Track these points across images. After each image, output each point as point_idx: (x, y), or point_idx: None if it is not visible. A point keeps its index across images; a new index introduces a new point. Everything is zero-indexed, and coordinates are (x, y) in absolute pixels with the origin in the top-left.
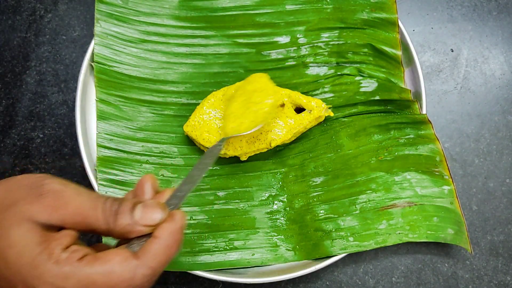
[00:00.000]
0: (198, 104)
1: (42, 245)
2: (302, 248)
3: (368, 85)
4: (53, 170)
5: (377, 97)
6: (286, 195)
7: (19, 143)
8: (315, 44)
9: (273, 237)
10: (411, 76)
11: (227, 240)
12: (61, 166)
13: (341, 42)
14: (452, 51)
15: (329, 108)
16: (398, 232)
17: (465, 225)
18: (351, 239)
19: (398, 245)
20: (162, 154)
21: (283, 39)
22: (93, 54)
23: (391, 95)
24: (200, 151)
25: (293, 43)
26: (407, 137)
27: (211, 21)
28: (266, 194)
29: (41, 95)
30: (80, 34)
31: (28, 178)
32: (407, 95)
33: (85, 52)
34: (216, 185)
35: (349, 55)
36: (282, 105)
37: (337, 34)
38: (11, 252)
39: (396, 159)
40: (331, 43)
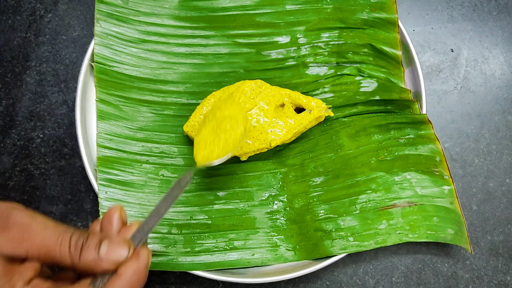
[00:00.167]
0: (198, 104)
1: (4, 278)
2: (302, 248)
3: (368, 85)
4: (53, 170)
5: (377, 97)
6: (286, 195)
7: (19, 143)
8: (315, 44)
9: (273, 237)
10: (411, 76)
11: (227, 240)
12: (61, 166)
13: (341, 42)
14: (452, 51)
15: (329, 108)
16: (398, 232)
17: (465, 225)
18: (351, 239)
19: (398, 245)
20: (162, 154)
21: (283, 39)
22: (93, 54)
23: (391, 95)
24: None
25: (293, 43)
26: (407, 137)
27: (211, 21)
28: (266, 194)
29: (41, 95)
30: (80, 34)
31: None
32: (407, 95)
33: (85, 52)
34: (216, 185)
35: (349, 55)
36: (282, 105)
37: (337, 34)
38: None
39: (396, 159)
40: (331, 43)
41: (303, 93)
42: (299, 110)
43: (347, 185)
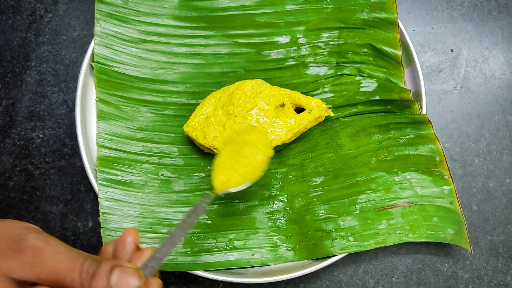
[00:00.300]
0: (198, 104)
1: None
2: (302, 248)
3: (368, 85)
4: (53, 170)
5: (377, 97)
6: (286, 195)
7: (19, 143)
8: (315, 44)
9: (273, 237)
10: (411, 76)
11: (227, 240)
12: (61, 166)
13: (341, 42)
14: (452, 51)
15: (329, 108)
16: (398, 232)
17: (465, 225)
18: (351, 239)
19: (398, 245)
20: (162, 154)
21: (283, 39)
22: (93, 54)
23: (391, 95)
24: (200, 151)
25: (293, 43)
26: (407, 137)
27: (211, 21)
28: (266, 194)
29: (41, 95)
30: (80, 34)
31: (10, 229)
32: (407, 95)
33: (85, 52)
34: None
35: (349, 55)
36: (282, 105)
37: (337, 34)
38: None
39: (396, 159)
40: (331, 43)
41: (303, 93)
42: (299, 110)
43: (347, 185)
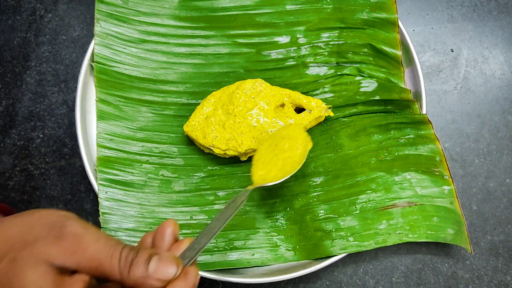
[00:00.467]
0: (198, 104)
1: None
2: (302, 248)
3: (368, 85)
4: (53, 170)
5: (377, 97)
6: (286, 195)
7: (19, 143)
8: (315, 44)
9: (273, 237)
10: (411, 76)
11: (227, 240)
12: (61, 166)
13: (341, 42)
14: (452, 51)
15: (329, 108)
16: (398, 232)
17: (465, 225)
18: (351, 239)
19: (398, 245)
20: (162, 154)
21: (283, 39)
22: (93, 54)
23: (391, 95)
24: (200, 151)
25: (293, 43)
26: (407, 137)
27: (211, 21)
28: (266, 194)
29: (41, 95)
30: (80, 34)
31: (50, 216)
32: (407, 95)
33: (85, 52)
34: (216, 185)
35: (349, 55)
36: (282, 105)
37: (337, 34)
38: None
39: (396, 159)
40: (331, 43)
41: (303, 93)
42: (299, 110)
43: (347, 185)
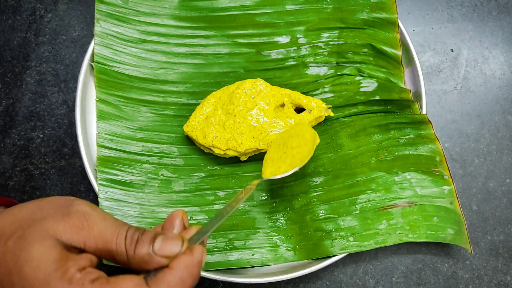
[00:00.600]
0: (198, 104)
1: (59, 263)
2: (302, 248)
3: (368, 85)
4: (53, 170)
5: (377, 97)
6: (286, 195)
7: (19, 143)
8: (315, 44)
9: (273, 237)
10: (411, 76)
11: (227, 240)
12: (61, 166)
13: (341, 42)
14: (452, 51)
15: (329, 108)
16: (398, 232)
17: (465, 225)
18: (351, 239)
19: (398, 245)
20: (162, 154)
21: (283, 39)
22: (93, 54)
23: (391, 95)
24: (200, 151)
25: (293, 43)
26: (407, 137)
27: (211, 21)
28: (266, 194)
29: (41, 95)
30: (80, 34)
31: (59, 198)
32: (407, 95)
33: (85, 52)
34: (216, 185)
35: (349, 55)
36: (282, 105)
37: (337, 34)
38: (28, 266)
39: (396, 159)
40: (331, 43)
41: (303, 93)
42: (299, 110)
43: (347, 185)
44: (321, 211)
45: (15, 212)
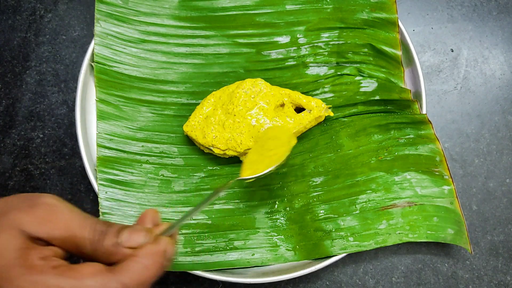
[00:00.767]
0: (198, 104)
1: (21, 251)
2: (302, 248)
3: (368, 85)
4: (53, 170)
5: (377, 97)
6: (286, 195)
7: (19, 143)
8: (315, 44)
9: (273, 237)
10: (411, 76)
11: (227, 240)
12: (61, 166)
13: (341, 42)
14: (452, 51)
15: (329, 108)
16: (398, 232)
17: (465, 225)
18: (351, 239)
19: (398, 245)
20: (162, 154)
21: (283, 39)
22: (93, 54)
23: (391, 95)
24: (200, 151)
25: (293, 43)
26: (407, 137)
27: (211, 21)
28: (266, 194)
29: (41, 95)
30: (80, 34)
31: (28, 193)
32: (407, 95)
33: (85, 52)
34: (216, 185)
35: (349, 55)
36: (282, 105)
37: (337, 34)
38: None
39: (396, 159)
40: (331, 43)
41: (303, 93)
42: (299, 110)
43: (347, 185)
44: (321, 211)
45: None
